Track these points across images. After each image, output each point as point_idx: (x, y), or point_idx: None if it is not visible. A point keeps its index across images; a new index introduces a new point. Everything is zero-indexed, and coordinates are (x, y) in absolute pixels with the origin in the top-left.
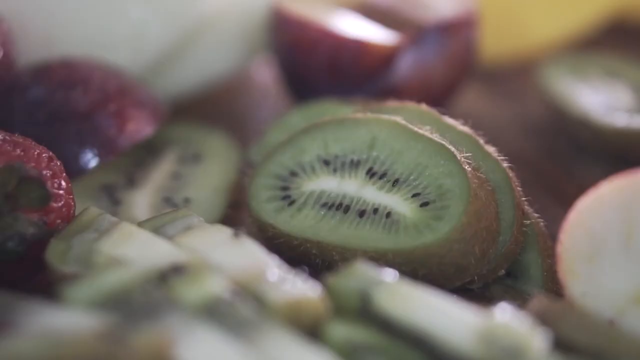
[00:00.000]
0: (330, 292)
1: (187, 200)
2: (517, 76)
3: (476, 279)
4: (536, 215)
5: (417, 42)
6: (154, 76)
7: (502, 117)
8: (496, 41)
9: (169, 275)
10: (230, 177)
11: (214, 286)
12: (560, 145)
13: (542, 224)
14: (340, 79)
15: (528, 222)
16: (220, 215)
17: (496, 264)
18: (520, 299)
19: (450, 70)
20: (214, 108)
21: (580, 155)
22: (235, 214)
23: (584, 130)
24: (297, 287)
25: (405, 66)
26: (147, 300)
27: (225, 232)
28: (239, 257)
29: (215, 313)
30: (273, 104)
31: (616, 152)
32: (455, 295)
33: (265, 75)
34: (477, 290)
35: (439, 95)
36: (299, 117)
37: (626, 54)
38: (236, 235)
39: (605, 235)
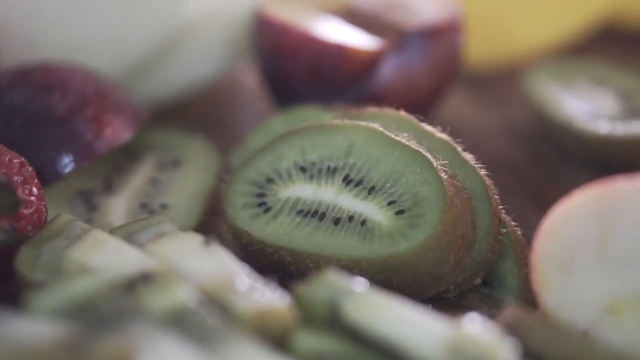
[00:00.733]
0: (299, 301)
1: (164, 207)
2: (503, 82)
3: (452, 287)
4: (513, 223)
5: (400, 47)
6: (136, 80)
7: (488, 123)
8: (483, 46)
9: (136, 284)
10: (209, 183)
11: (181, 295)
12: (545, 152)
13: (519, 232)
14: (322, 84)
15: (505, 230)
16: (197, 221)
17: (472, 273)
18: (496, 308)
19: (434, 75)
20: (196, 113)
21: (565, 162)
22: (213, 220)
23: (567, 137)
24: (265, 297)
25: (388, 72)
26: (113, 309)
27: (196, 239)
28: (209, 265)
29: (180, 322)
30: (256, 109)
31: (600, 159)
32: (430, 304)
33: (249, 80)
34: (453, 299)
35: (423, 100)
36: (280, 122)
37: (615, 60)
38: (207, 243)
39: (579, 244)
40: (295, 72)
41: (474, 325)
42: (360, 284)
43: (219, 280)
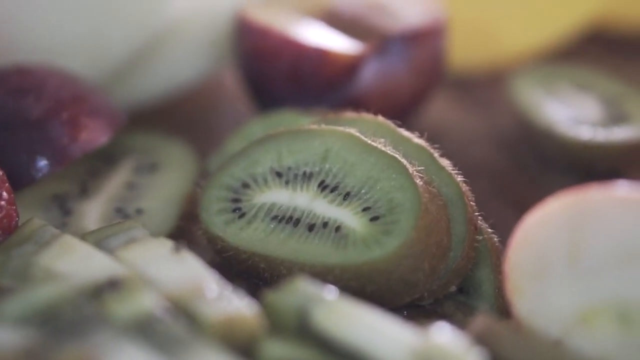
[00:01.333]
0: (268, 309)
1: (139, 211)
2: (489, 86)
3: (426, 295)
4: (490, 230)
5: (382, 51)
6: (117, 83)
7: (472, 128)
8: (470, 50)
9: (103, 291)
10: (186, 187)
11: (147, 303)
12: (528, 158)
13: (496, 239)
14: (302, 88)
15: (481, 237)
16: (172, 226)
17: (447, 280)
18: (472, 316)
19: (416, 80)
20: (177, 116)
21: (547, 168)
22: (188, 225)
23: (549, 143)
24: (233, 304)
25: (369, 76)
26: (77, 316)
27: (166, 245)
28: (178, 272)
29: (145, 330)
30: (238, 113)
31: (582, 166)
32: (405, 311)
33: (231, 83)
34: (428, 306)
35: (405, 105)
36: (259, 127)
37: (602, 65)
38: (176, 249)
39: (551, 253)
40: (275, 76)
41: (443, 335)
42: (330, 292)
43: (187, 287)
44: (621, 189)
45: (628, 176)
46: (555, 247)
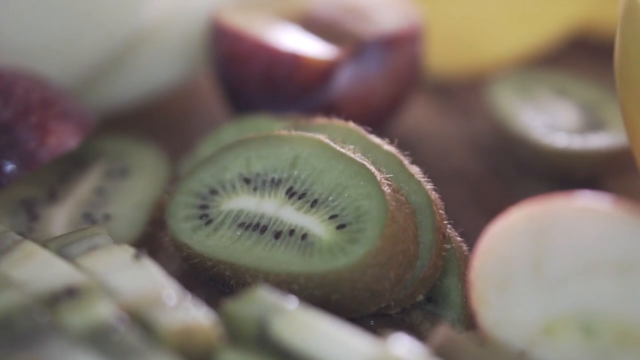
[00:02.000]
0: (228, 318)
1: (106, 217)
2: (469, 92)
3: (393, 304)
4: (459, 238)
5: (358, 56)
6: (91, 87)
7: (450, 134)
8: (452, 55)
9: (59, 299)
10: (156, 193)
11: (102, 312)
12: (505, 165)
13: (465, 247)
14: (276, 93)
15: (449, 246)
16: (140, 233)
17: (413, 289)
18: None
19: (392, 85)
20: (153, 121)
21: (524, 175)
22: (156, 231)
23: (525, 150)
24: (190, 314)
25: (345, 81)
26: (30, 325)
27: (127, 253)
28: (137, 280)
29: (100, 340)
30: (213, 118)
31: (558, 173)
32: (371, 321)
33: (207, 87)
34: (395, 315)
35: (381, 111)
36: (231, 132)
37: (584, 71)
38: (137, 257)
39: (515, 263)
40: (249, 81)
41: (401, 345)
42: (290, 302)
43: (146, 296)
44: (584, 200)
45: (605, 184)
46: (518, 257)
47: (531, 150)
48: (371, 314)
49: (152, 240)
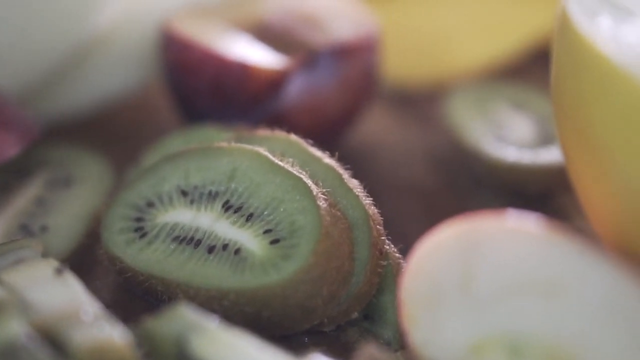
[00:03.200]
0: (147, 336)
1: (43, 228)
2: (429, 102)
3: (326, 321)
4: (397, 255)
5: (310, 66)
6: (41, 95)
7: (408, 145)
8: (415, 65)
9: None
10: (98, 204)
11: (13, 329)
12: (460, 178)
13: (403, 264)
14: (226, 103)
15: (386, 262)
16: (76, 245)
17: (348, 306)
18: (376, 343)
19: (346, 96)
20: (103, 130)
21: (479, 189)
22: (93, 244)
23: (478, 164)
24: (104, 331)
25: (296, 91)
26: None
27: (50, 268)
28: (56, 295)
29: (8, 358)
30: (165, 127)
31: (511, 187)
32: (306, 338)
33: (158, 96)
34: (331, 333)
35: (335, 121)
36: (177, 142)
37: (547, 83)
38: (59, 271)
39: (444, 281)
40: (199, 90)
41: None
42: (210, 320)
43: (62, 312)
44: (512, 220)
45: (558, 199)
46: (447, 276)
47: (484, 163)
48: (306, 331)
49: (89, 253)
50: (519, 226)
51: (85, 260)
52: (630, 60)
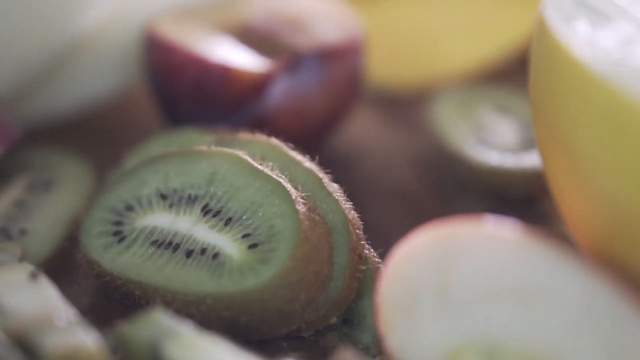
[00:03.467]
0: (121, 341)
1: (23, 232)
2: (415, 105)
3: (304, 326)
4: (377, 259)
5: (293, 69)
6: (22, 98)
7: (393, 148)
8: (401, 68)
9: None
10: (78, 207)
11: None
12: (445, 182)
13: (382, 268)
14: (208, 106)
15: (365, 267)
16: (55, 249)
17: (326, 311)
18: (355, 348)
19: (330, 99)
20: (86, 132)
21: (462, 192)
22: (72, 247)
23: (462, 168)
24: (77, 337)
25: (279, 94)
26: None
27: (25, 272)
28: (30, 301)
29: None
30: (149, 130)
31: (494, 191)
32: (284, 343)
33: (142, 99)
34: (310, 338)
35: (319, 124)
36: (159, 145)
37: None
38: (34, 276)
39: (420, 287)
40: (181, 93)
41: None
42: (185, 326)
43: (36, 317)
44: (489, 225)
45: (541, 203)
46: (423, 281)
47: (467, 167)
48: (284, 335)
49: (69, 256)
50: (496, 232)
51: (65, 264)
52: (606, 66)
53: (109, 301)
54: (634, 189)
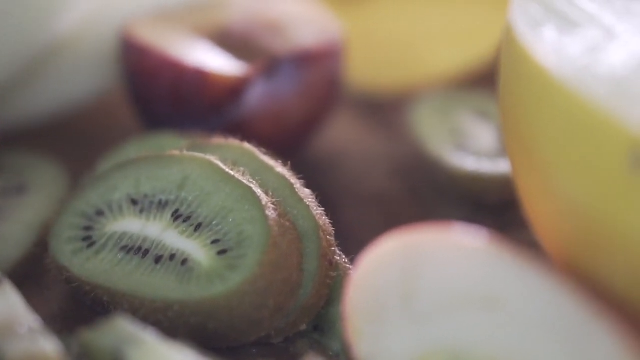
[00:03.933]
0: (84, 348)
1: None
2: (396, 110)
3: (274, 333)
4: (348, 266)
5: (270, 73)
6: (0, 100)
7: (373, 153)
8: (382, 72)
9: None
10: (50, 212)
11: None
12: (424, 187)
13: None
14: (184, 110)
15: (335, 273)
16: (25, 254)
17: (296, 318)
18: (325, 355)
19: (308, 103)
20: (62, 136)
21: (441, 198)
22: (44, 252)
23: (439, 173)
24: (38, 344)
25: (256, 99)
26: None
27: None
28: None
29: None
30: (124, 134)
31: (471, 196)
32: (254, 350)
33: (120, 103)
34: (280, 344)
35: (297, 129)
36: (134, 149)
37: None
38: None
39: (387, 294)
40: (157, 97)
41: None
42: (148, 333)
43: None
44: (456, 233)
45: (519, 209)
46: (390, 288)
47: (444, 172)
48: (254, 342)
49: (39, 261)
50: (463, 239)
51: (35, 269)
52: (571, 73)
53: (79, 307)
54: (597, 196)
